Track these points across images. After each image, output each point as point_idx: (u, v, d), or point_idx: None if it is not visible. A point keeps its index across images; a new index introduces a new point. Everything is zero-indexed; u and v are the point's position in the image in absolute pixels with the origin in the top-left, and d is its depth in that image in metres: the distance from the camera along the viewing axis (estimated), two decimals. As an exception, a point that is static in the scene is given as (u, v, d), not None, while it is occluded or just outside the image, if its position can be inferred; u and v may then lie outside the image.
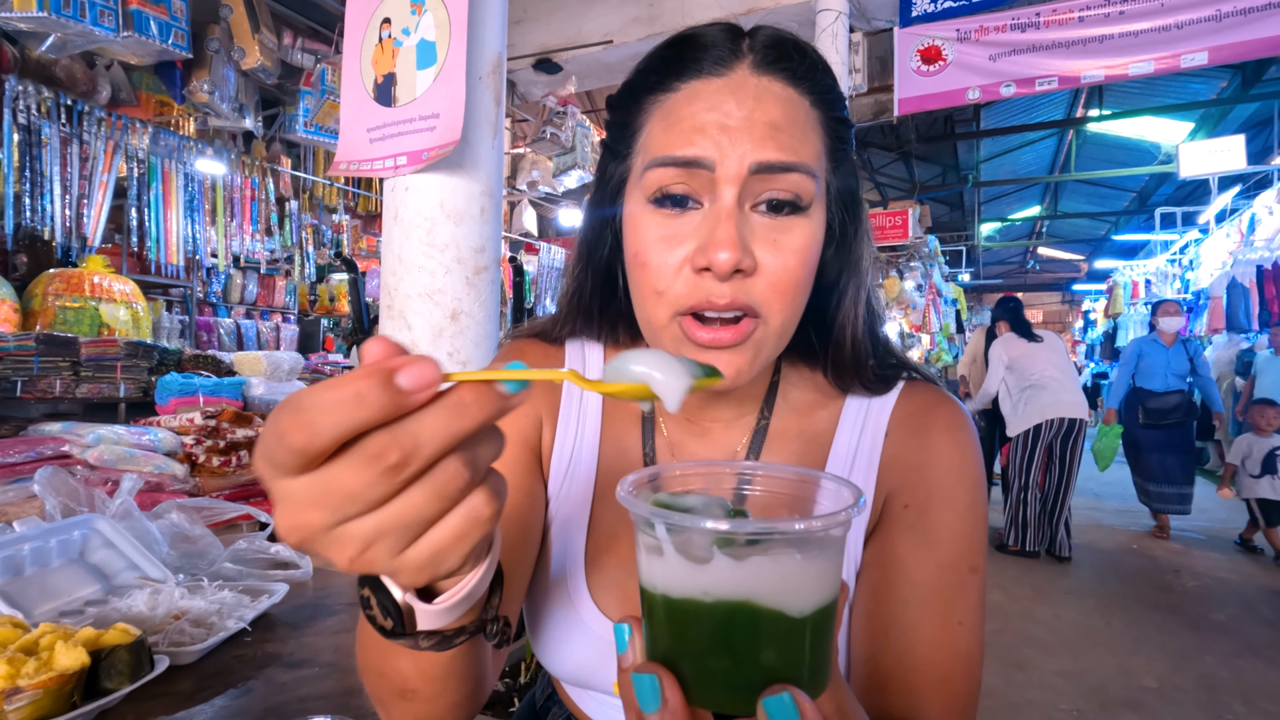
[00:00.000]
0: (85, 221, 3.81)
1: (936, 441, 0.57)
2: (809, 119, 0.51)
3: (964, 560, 0.54)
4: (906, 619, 0.53)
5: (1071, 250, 18.89)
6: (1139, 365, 4.98)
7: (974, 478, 0.57)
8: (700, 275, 0.49)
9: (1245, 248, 7.99)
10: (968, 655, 0.53)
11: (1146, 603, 3.56)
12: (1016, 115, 10.14)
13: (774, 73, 0.51)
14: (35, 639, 0.74)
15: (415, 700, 0.48)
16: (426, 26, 1.95)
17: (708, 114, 0.49)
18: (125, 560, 1.05)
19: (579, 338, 0.67)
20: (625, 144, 0.56)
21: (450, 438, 0.27)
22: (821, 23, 4.76)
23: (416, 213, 1.96)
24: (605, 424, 0.64)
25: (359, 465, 0.26)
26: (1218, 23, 3.99)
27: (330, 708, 0.75)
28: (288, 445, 0.26)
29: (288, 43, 4.60)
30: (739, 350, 0.51)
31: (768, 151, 0.48)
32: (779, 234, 0.50)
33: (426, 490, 0.28)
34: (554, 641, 0.59)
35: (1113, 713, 2.41)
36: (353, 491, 0.27)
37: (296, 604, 1.08)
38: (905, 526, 0.56)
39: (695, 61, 0.51)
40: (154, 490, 3.05)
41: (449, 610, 0.37)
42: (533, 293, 6.59)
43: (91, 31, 3.27)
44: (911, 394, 0.61)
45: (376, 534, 0.28)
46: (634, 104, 0.55)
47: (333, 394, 0.25)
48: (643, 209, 0.52)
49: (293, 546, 0.30)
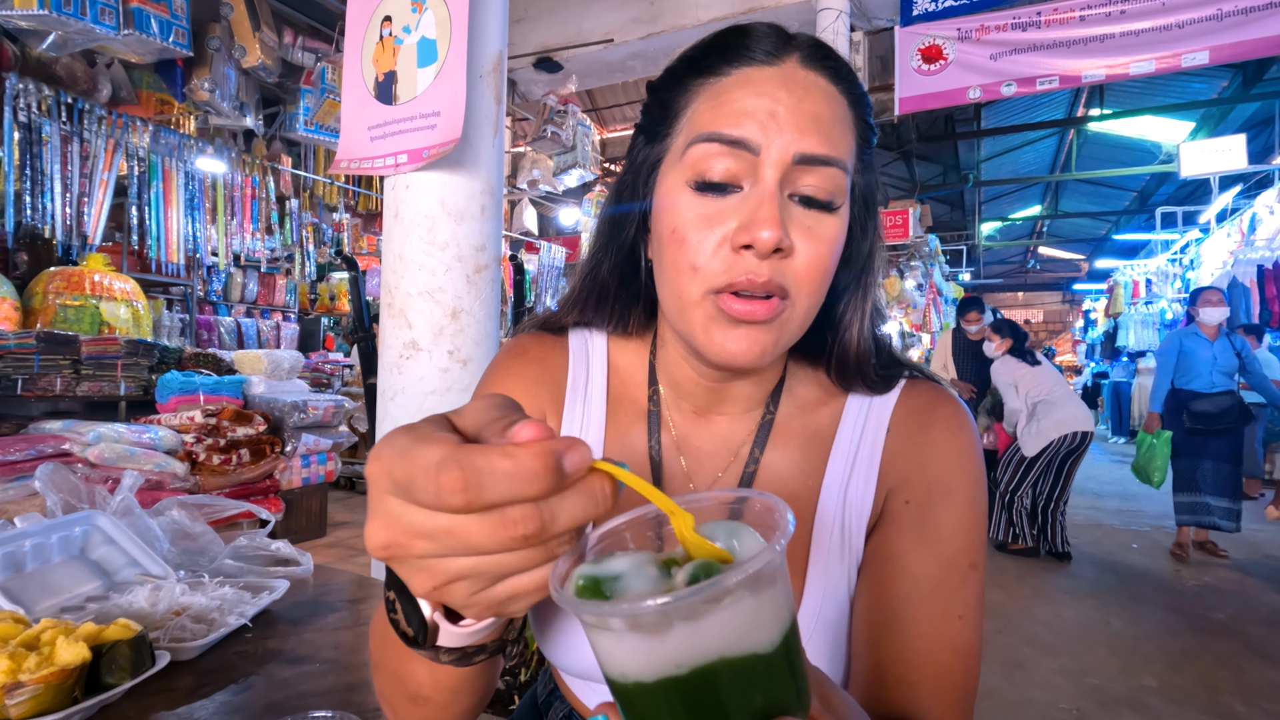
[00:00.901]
0: (86, 220, 3.80)
1: (937, 439, 0.58)
2: (846, 117, 0.53)
3: (964, 556, 0.55)
4: (906, 615, 0.54)
5: (1072, 250, 18.89)
6: (1179, 363, 4.37)
7: (974, 474, 0.57)
8: (739, 253, 0.50)
9: (1246, 247, 7.99)
10: (966, 650, 0.54)
11: (1147, 602, 3.56)
12: (1017, 114, 10.14)
13: (819, 69, 0.53)
14: (36, 634, 0.75)
15: (426, 706, 0.48)
16: (427, 24, 1.95)
17: (758, 99, 0.50)
18: (126, 557, 1.05)
19: (582, 327, 0.67)
20: (666, 125, 0.56)
21: (583, 520, 0.29)
22: (822, 21, 4.76)
23: (417, 211, 1.96)
24: (610, 419, 0.64)
25: (495, 526, 0.27)
26: (1219, 22, 3.99)
27: (331, 703, 0.75)
28: (442, 496, 0.26)
29: (288, 41, 4.60)
30: (767, 328, 0.52)
31: (811, 143, 0.50)
32: (813, 223, 0.52)
33: (536, 552, 0.29)
34: (561, 637, 0.60)
35: (1113, 712, 2.41)
36: (476, 543, 0.28)
37: (297, 600, 1.08)
38: (906, 523, 0.56)
39: (748, 50, 0.52)
40: (154, 488, 3.06)
41: (473, 633, 0.37)
42: (533, 291, 6.59)
43: (92, 29, 3.27)
44: (912, 392, 0.61)
45: (470, 575, 0.29)
46: (679, 86, 0.55)
47: (508, 465, 0.26)
48: (681, 191, 0.53)
49: (375, 556, 0.30)
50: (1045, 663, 2.80)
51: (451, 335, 1.97)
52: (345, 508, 5.01)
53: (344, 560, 3.78)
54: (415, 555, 0.29)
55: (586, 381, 0.65)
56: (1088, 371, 15.40)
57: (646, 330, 0.65)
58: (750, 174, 0.51)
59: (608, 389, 0.65)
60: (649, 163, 0.57)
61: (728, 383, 0.59)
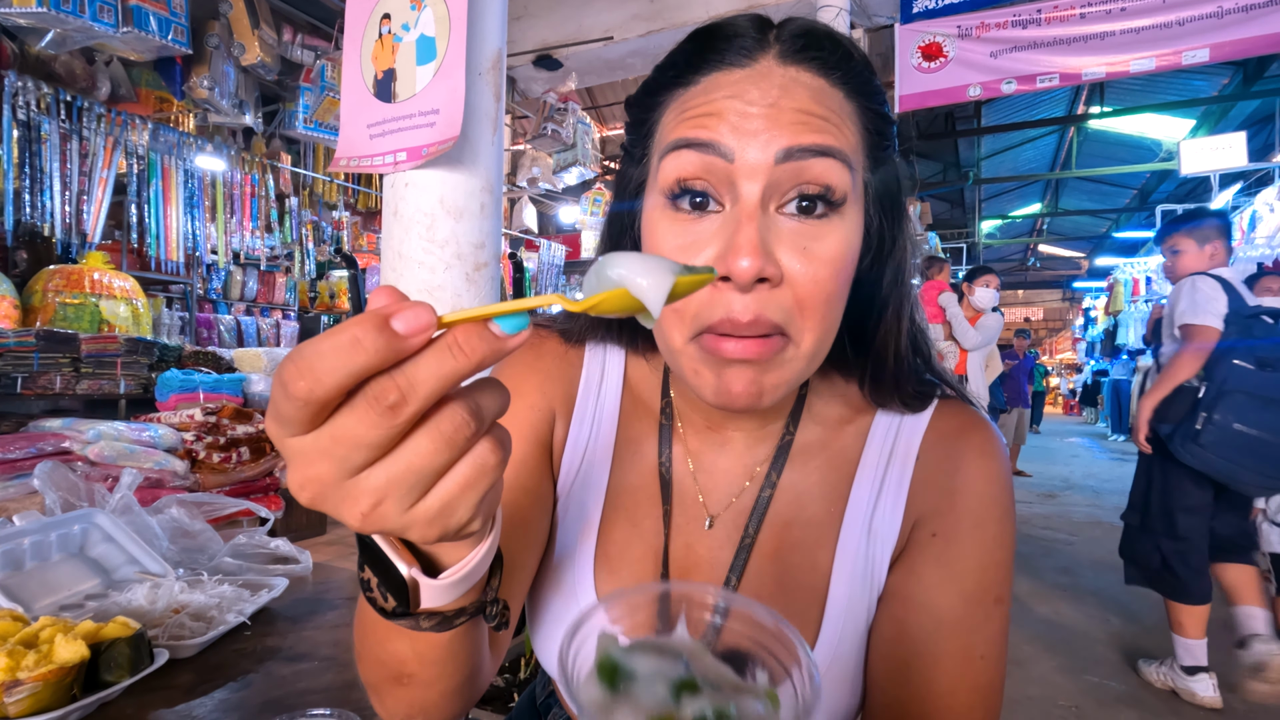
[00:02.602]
0: (85, 218, 3.80)
1: (968, 467, 0.55)
2: (843, 109, 0.47)
3: (989, 592, 0.53)
4: (928, 652, 0.52)
5: (1072, 248, 18.88)
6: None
7: (1004, 506, 0.54)
8: (718, 288, 0.44)
9: (1246, 245, 7.99)
10: (988, 688, 0.52)
11: (1145, 600, 3.57)
12: (1018, 112, 10.13)
13: (803, 63, 0.46)
14: (35, 632, 0.75)
15: (411, 685, 0.47)
16: (426, 22, 1.95)
17: (728, 99, 0.45)
18: (125, 555, 1.05)
19: (600, 342, 0.65)
20: (641, 145, 0.53)
21: (446, 378, 0.27)
22: (822, 18, 4.75)
23: (416, 208, 1.96)
24: (622, 425, 0.62)
25: (361, 410, 0.27)
26: (1219, 19, 3.98)
27: (329, 701, 0.76)
28: (291, 395, 0.26)
29: (288, 39, 4.59)
30: (766, 368, 0.46)
31: (795, 135, 0.44)
32: (809, 240, 0.45)
33: (432, 437, 0.28)
34: (554, 639, 0.59)
35: (1111, 710, 2.42)
36: (357, 437, 0.27)
37: (296, 598, 1.08)
38: (932, 557, 0.54)
39: (717, 53, 0.47)
40: (154, 486, 3.06)
41: (452, 586, 0.37)
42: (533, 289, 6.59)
43: (91, 27, 3.26)
44: (945, 414, 0.57)
45: (387, 485, 0.29)
46: (650, 101, 0.52)
47: (331, 341, 0.26)
48: (660, 212, 0.48)
49: (305, 504, 0.30)
50: (1044, 660, 2.80)
51: (451, 333, 1.96)
52: (345, 506, 5.00)
53: (345, 558, 3.78)
54: (329, 483, 0.28)
55: (600, 387, 0.64)
56: (1088, 369, 15.40)
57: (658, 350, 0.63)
58: (728, 189, 0.45)
59: (621, 397, 0.63)
60: (633, 185, 0.55)
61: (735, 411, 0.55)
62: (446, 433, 0.28)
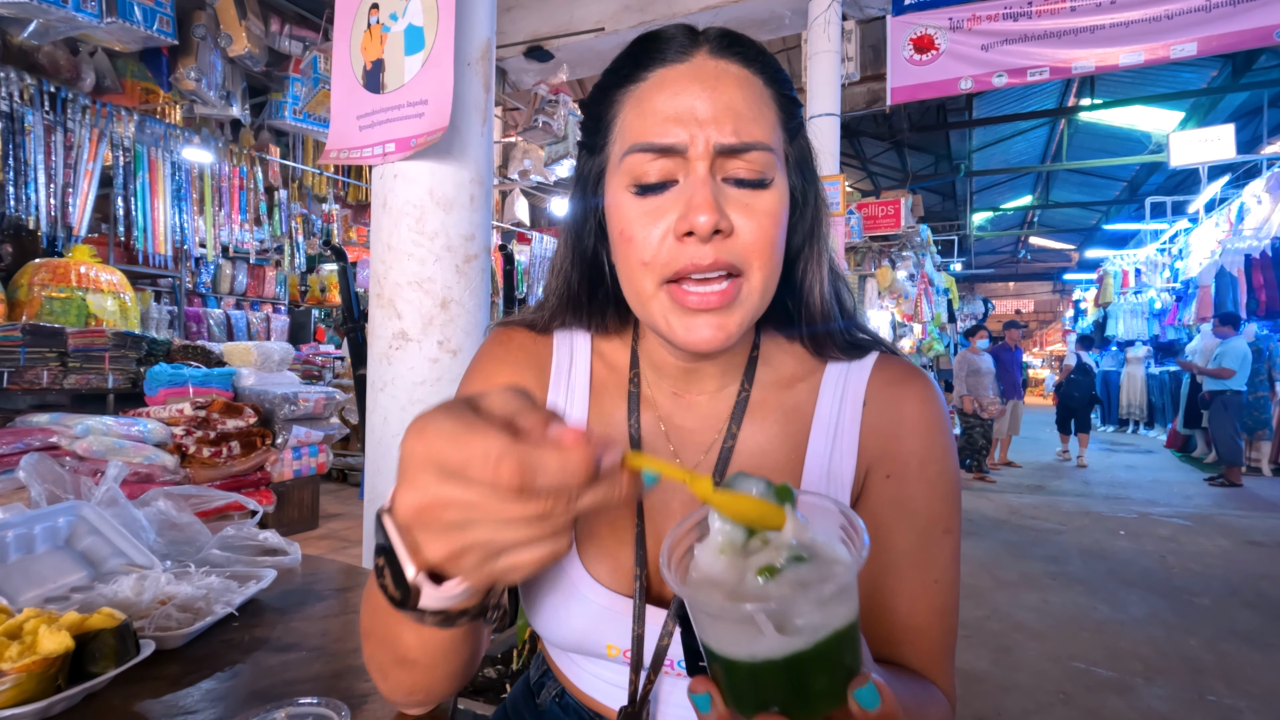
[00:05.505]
0: (71, 211, 3.76)
1: (911, 412, 0.61)
2: (763, 96, 0.56)
3: (938, 524, 0.59)
4: (886, 584, 0.58)
5: (1062, 240, 18.98)
6: None
7: (945, 445, 0.61)
8: (683, 241, 0.53)
9: (1234, 236, 8.05)
10: (944, 609, 0.59)
11: (1133, 588, 3.61)
12: (1009, 104, 10.15)
13: (729, 56, 0.56)
14: (19, 623, 0.74)
15: (414, 669, 0.52)
16: (414, 11, 1.93)
17: (676, 99, 0.54)
18: (111, 547, 1.05)
19: (567, 328, 0.69)
20: (601, 136, 0.60)
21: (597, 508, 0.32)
22: (814, 10, 4.74)
23: (406, 200, 1.95)
24: (593, 400, 0.67)
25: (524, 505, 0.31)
26: (1207, 13, 4.00)
27: (318, 690, 0.75)
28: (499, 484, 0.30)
29: (275, 29, 4.54)
30: (727, 312, 0.54)
31: (729, 132, 0.53)
32: (749, 199, 0.55)
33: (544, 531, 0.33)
34: (549, 610, 0.61)
35: (1099, 695, 2.45)
36: (502, 519, 0.31)
37: (285, 589, 1.08)
38: (887, 498, 0.60)
39: (659, 52, 0.56)
40: (144, 481, 3.04)
41: (454, 596, 0.39)
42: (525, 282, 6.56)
43: (74, 17, 3.22)
44: (885, 366, 0.64)
45: (482, 546, 0.33)
46: (606, 99, 0.59)
47: (558, 462, 0.30)
48: (624, 195, 0.56)
49: (402, 521, 0.35)
50: (1032, 648, 2.83)
51: (441, 325, 1.96)
52: (337, 500, 5.00)
53: (336, 552, 3.78)
54: (441, 524, 0.33)
55: (570, 367, 0.68)
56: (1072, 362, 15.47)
57: (626, 326, 0.68)
58: (683, 169, 0.54)
59: (591, 374, 0.68)
60: (594, 174, 0.61)
61: (697, 363, 0.62)
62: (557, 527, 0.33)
